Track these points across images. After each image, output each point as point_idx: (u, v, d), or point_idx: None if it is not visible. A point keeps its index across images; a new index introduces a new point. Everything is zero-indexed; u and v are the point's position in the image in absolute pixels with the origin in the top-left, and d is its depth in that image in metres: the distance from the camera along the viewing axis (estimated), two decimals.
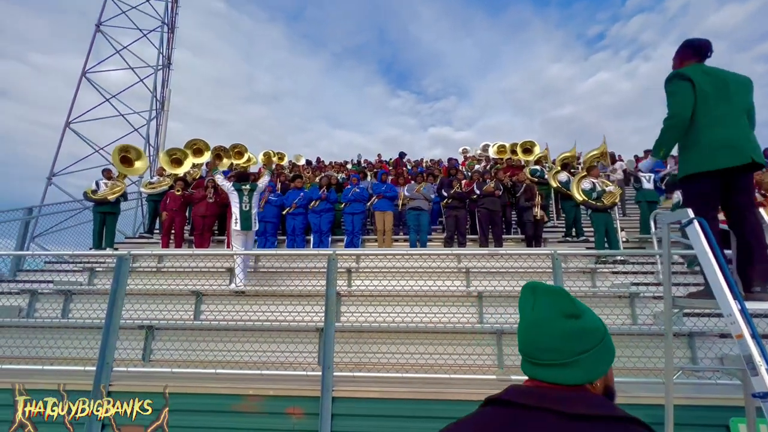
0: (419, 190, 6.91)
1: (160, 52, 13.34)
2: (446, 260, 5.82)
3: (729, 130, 2.18)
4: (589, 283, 5.08)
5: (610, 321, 3.57)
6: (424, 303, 4.26)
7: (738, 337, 1.87)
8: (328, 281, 2.90)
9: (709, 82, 2.25)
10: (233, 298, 4.37)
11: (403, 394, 2.80)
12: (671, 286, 2.51)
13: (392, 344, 3.55)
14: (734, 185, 2.22)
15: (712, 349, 3.30)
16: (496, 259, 5.53)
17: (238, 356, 3.27)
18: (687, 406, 2.64)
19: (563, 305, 0.78)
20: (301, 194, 7.01)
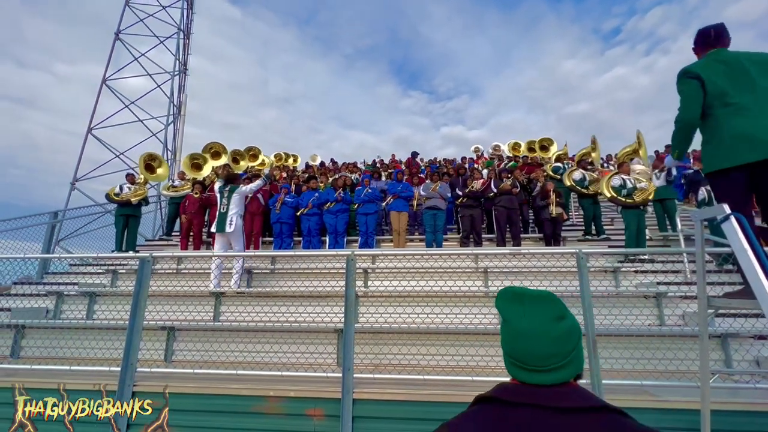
0: (435, 189, 6.85)
1: (177, 59, 13.61)
2: (463, 260, 5.75)
3: (750, 121, 2.04)
4: (613, 282, 4.94)
5: (639, 322, 3.45)
6: (444, 304, 4.21)
7: None
8: (347, 282, 2.87)
9: (723, 72, 2.13)
10: (252, 299, 4.40)
11: (424, 396, 2.75)
12: (706, 286, 2.40)
13: (412, 345, 3.51)
14: (763, 181, 2.09)
15: (750, 352, 3.15)
16: (517, 259, 5.44)
17: (258, 357, 3.28)
18: (723, 411, 2.52)
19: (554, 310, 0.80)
20: (316, 195, 7.03)
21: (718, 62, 2.21)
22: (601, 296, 4.14)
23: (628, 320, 3.41)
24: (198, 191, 7.33)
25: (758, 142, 2.04)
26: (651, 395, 2.69)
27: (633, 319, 3.45)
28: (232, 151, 10.14)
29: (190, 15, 14.83)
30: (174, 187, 8.55)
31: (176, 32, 13.88)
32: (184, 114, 14.42)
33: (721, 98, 2.14)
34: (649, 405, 2.60)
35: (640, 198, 5.84)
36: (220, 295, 4.45)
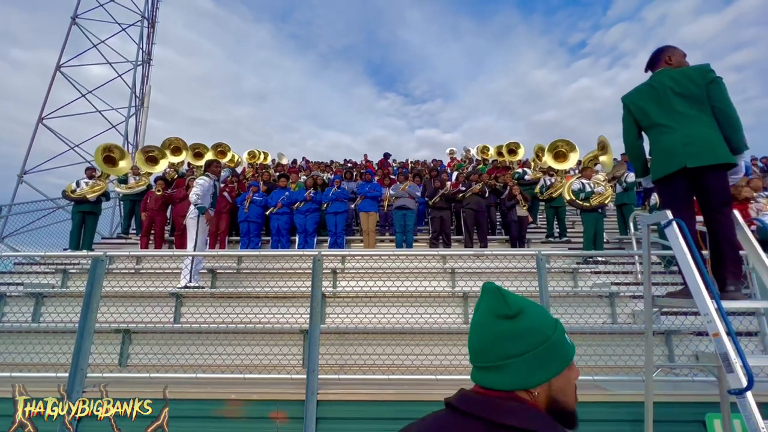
0: (404, 188, 6.92)
1: (140, 48, 12.97)
2: (432, 261, 5.84)
3: (666, 137, 2.28)
4: (571, 283, 5.18)
5: (591, 320, 3.64)
6: (410, 304, 4.25)
7: (714, 336, 1.92)
8: (314, 283, 2.85)
9: (649, 95, 2.38)
10: (215, 300, 4.27)
11: (389, 396, 2.77)
12: (651, 286, 2.57)
13: (378, 346, 3.52)
14: (703, 187, 2.27)
15: (689, 347, 3.41)
16: (481, 260, 5.59)
17: (220, 360, 3.18)
18: (665, 403, 2.70)
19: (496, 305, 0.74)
20: (286, 194, 6.91)
21: (646, 86, 2.45)
22: (559, 296, 4.34)
23: (582, 318, 3.59)
24: (161, 188, 7.02)
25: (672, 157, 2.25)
26: (602, 389, 2.85)
27: (587, 317, 3.63)
28: (192, 145, 9.74)
29: (156, 3, 14.16)
30: (125, 183, 8.04)
31: (140, 20, 13.22)
32: (148, 106, 13.75)
33: (647, 120, 2.40)
34: (601, 399, 2.75)
35: (595, 202, 6.16)
36: (181, 296, 4.29)
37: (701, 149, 2.19)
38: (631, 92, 2.53)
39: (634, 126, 2.48)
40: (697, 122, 2.23)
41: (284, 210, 6.77)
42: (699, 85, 2.24)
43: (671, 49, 2.53)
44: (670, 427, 2.64)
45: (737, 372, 1.78)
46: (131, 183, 8.12)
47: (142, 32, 13.13)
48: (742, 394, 1.73)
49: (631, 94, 2.52)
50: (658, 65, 2.52)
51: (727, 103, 2.23)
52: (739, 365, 1.78)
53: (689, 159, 2.20)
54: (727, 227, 2.26)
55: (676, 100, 2.29)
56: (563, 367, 0.72)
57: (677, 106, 2.28)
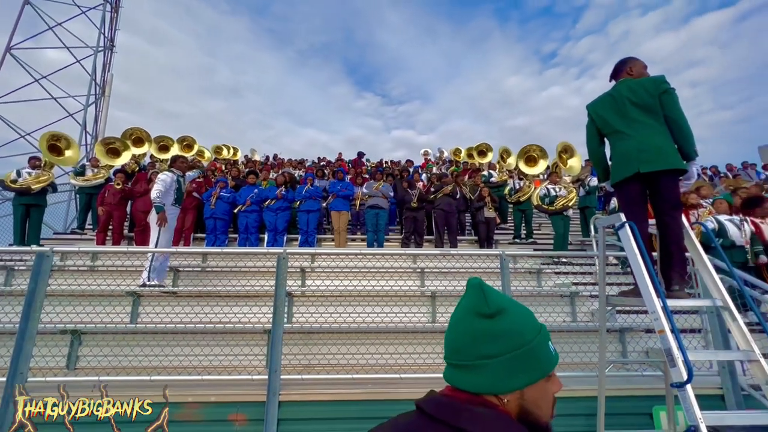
0: (378, 188, 6.91)
1: (101, 33, 12.28)
2: (402, 260, 5.87)
3: (624, 143, 2.41)
4: (534, 282, 5.34)
5: (552, 319, 3.76)
6: (378, 303, 4.25)
7: (660, 333, 2.03)
8: (278, 281, 2.79)
9: (609, 104, 2.50)
10: (177, 299, 4.09)
11: (352, 395, 2.76)
12: (605, 286, 2.69)
13: (344, 345, 3.49)
14: (656, 191, 2.41)
15: (639, 344, 3.60)
16: (448, 260, 5.67)
17: (177, 361, 3.05)
18: (616, 397, 2.83)
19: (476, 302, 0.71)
20: (255, 191, 6.74)
21: (608, 95, 2.57)
22: (523, 295, 4.47)
23: (543, 317, 3.70)
24: (120, 181, 6.66)
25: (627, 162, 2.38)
26: None
27: (546, 315, 3.76)
28: (156, 138, 9.32)
29: None
30: (82, 175, 7.59)
31: (102, 3, 12.51)
32: (109, 95, 13.04)
33: (608, 127, 2.52)
34: (557, 394, 2.85)
35: (559, 205, 6.42)
36: (139, 295, 4.08)
37: (654, 155, 2.31)
38: (595, 101, 2.64)
39: (596, 133, 2.60)
40: (651, 130, 2.35)
41: (253, 207, 6.59)
42: (653, 95, 2.36)
43: (633, 61, 2.66)
44: (620, 419, 2.77)
45: (679, 366, 1.88)
46: (88, 175, 7.66)
47: (104, 16, 12.43)
48: (682, 387, 1.83)
49: (595, 102, 2.63)
50: (620, 75, 2.64)
51: (679, 113, 2.36)
52: (680, 360, 1.89)
53: (642, 164, 2.32)
54: (676, 230, 2.39)
55: (632, 108, 2.41)
56: (540, 377, 0.67)
57: (633, 114, 2.40)
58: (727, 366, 2.85)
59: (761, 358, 1.95)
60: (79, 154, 7.37)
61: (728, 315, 2.11)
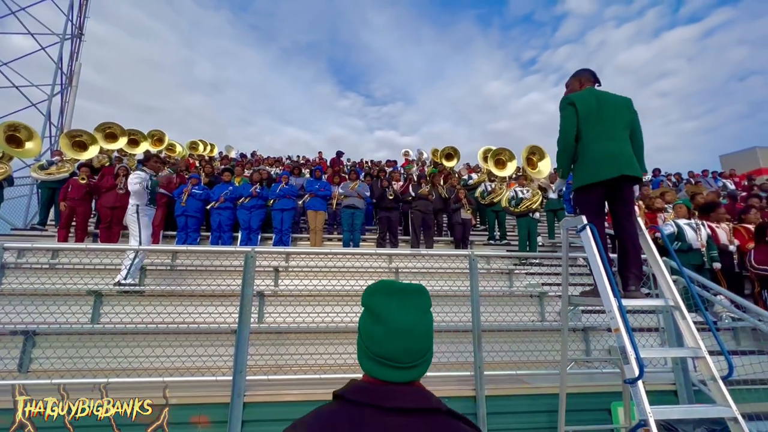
0: (354, 187, 6.89)
1: (69, 19, 11.72)
2: (377, 260, 5.87)
3: (606, 145, 2.45)
4: (507, 283, 5.45)
5: (517, 318, 3.85)
6: (352, 303, 4.24)
7: (616, 331, 2.11)
8: (245, 281, 2.73)
9: (593, 104, 2.52)
10: (143, 299, 3.96)
11: (320, 395, 2.73)
12: (568, 286, 2.77)
13: (317, 345, 3.46)
14: (615, 196, 2.51)
15: (600, 342, 3.73)
16: (421, 260, 5.73)
17: (137, 363, 2.94)
18: (577, 394, 2.92)
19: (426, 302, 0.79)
20: (230, 188, 6.59)
21: (591, 96, 2.59)
22: (496, 295, 4.55)
23: (510, 316, 3.79)
24: (85, 176, 6.38)
25: (612, 163, 2.43)
26: (525, 383, 3.03)
27: (513, 315, 3.84)
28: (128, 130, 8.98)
29: None
30: (44, 168, 7.22)
31: None
32: (77, 85, 12.47)
33: (588, 124, 2.52)
34: (523, 392, 2.92)
35: (524, 207, 6.59)
36: (101, 294, 3.92)
37: (630, 162, 2.45)
38: (580, 96, 2.58)
39: (575, 126, 2.53)
40: (624, 139, 2.51)
41: (227, 205, 6.45)
42: (630, 111, 2.55)
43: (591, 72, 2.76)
44: (580, 415, 2.86)
45: (631, 363, 1.96)
46: (51, 169, 7.29)
47: (72, 2, 11.87)
48: (634, 383, 1.91)
49: (581, 98, 2.56)
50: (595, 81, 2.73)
51: (641, 132, 2.62)
52: (633, 357, 1.97)
53: (626, 168, 2.41)
54: (633, 233, 2.51)
55: (614, 116, 2.50)
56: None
57: (615, 123, 2.49)
58: (680, 363, 2.99)
59: (707, 355, 2.06)
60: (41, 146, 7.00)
61: (678, 314, 2.22)
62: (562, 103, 2.62)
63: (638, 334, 3.60)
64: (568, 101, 2.57)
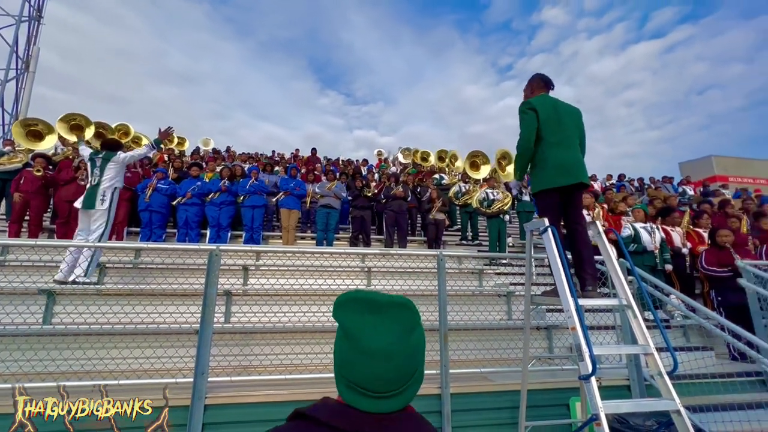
0: (330, 188, 6.84)
1: (27, 1, 11.01)
2: (350, 259, 5.86)
3: (565, 153, 2.56)
4: (476, 282, 5.57)
5: (482, 317, 3.95)
6: (323, 302, 4.20)
7: (572, 329, 2.19)
8: (208, 279, 2.66)
9: (550, 111, 2.62)
10: (100, 298, 3.77)
11: (285, 396, 2.70)
12: (531, 285, 2.86)
13: (286, 345, 3.41)
14: (568, 201, 2.64)
15: (561, 340, 3.88)
16: (397, 260, 5.76)
17: (89, 365, 2.80)
18: (538, 390, 3.03)
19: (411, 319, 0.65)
20: (198, 183, 6.38)
21: (549, 103, 2.70)
22: (462, 294, 4.64)
23: (482, 315, 3.88)
24: (41, 167, 6.01)
25: (571, 171, 2.55)
26: (489, 380, 3.10)
27: (479, 314, 3.93)
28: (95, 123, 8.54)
29: None
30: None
31: None
32: (34, 71, 11.74)
33: (547, 130, 2.60)
34: (485, 389, 2.99)
35: (495, 208, 6.76)
36: (54, 293, 3.71)
37: (584, 170, 2.60)
38: (538, 99, 2.66)
39: (536, 131, 2.59)
40: (578, 149, 2.66)
41: (194, 200, 6.24)
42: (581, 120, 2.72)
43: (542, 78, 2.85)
44: (541, 411, 2.96)
45: (585, 360, 2.05)
46: (2, 159, 6.82)
47: None
48: (587, 379, 2.00)
49: (541, 103, 2.63)
50: (551, 88, 2.82)
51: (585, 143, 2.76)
52: (587, 355, 2.05)
53: (582, 176, 2.54)
54: (586, 235, 2.65)
55: (570, 124, 2.62)
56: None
57: (571, 130, 2.62)
58: (633, 359, 3.15)
59: (655, 352, 2.17)
60: None
61: (630, 313, 2.33)
62: (522, 107, 2.69)
63: (597, 332, 3.76)
64: (529, 106, 2.64)
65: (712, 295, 4.23)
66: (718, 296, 4.12)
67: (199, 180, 6.54)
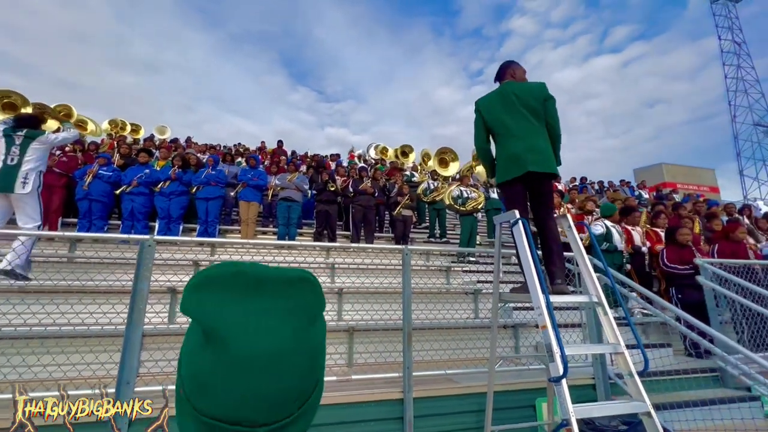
0: (292, 179, 6.48)
1: None
2: (313, 255, 5.56)
3: (514, 143, 2.45)
4: (444, 280, 5.44)
5: (449, 315, 3.79)
6: None
7: (542, 328, 2.04)
8: (138, 274, 2.29)
9: (499, 102, 2.52)
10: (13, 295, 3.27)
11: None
12: (499, 282, 2.71)
13: None
14: (533, 192, 2.51)
15: (528, 339, 3.80)
16: (363, 256, 5.53)
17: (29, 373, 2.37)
18: (505, 391, 2.89)
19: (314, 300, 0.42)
20: (146, 171, 5.83)
21: (497, 94, 2.60)
22: (431, 293, 4.48)
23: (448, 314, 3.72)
24: None
25: (518, 162, 2.42)
26: (454, 382, 2.93)
27: (446, 312, 3.78)
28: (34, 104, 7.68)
29: None
30: None
31: None
32: None
33: (498, 125, 2.52)
34: (452, 392, 2.81)
35: (470, 206, 6.69)
36: None
37: (541, 158, 2.41)
38: (484, 98, 2.63)
39: (484, 130, 2.60)
40: (537, 133, 2.46)
41: (141, 189, 5.69)
42: (538, 100, 2.48)
43: (516, 65, 2.75)
44: (507, 413, 2.83)
45: (556, 362, 1.90)
46: None
47: None
48: (558, 382, 1.85)
49: (484, 100, 2.62)
50: (504, 77, 2.70)
51: (557, 120, 2.53)
52: (558, 356, 1.91)
53: (531, 165, 2.38)
54: (555, 229, 2.52)
55: (521, 110, 2.46)
56: None
57: (521, 116, 2.46)
58: (599, 357, 3.09)
59: (626, 351, 2.07)
60: None
61: (601, 310, 2.23)
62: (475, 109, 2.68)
63: (562, 330, 3.70)
64: (475, 108, 2.65)
65: (672, 293, 4.31)
66: (678, 293, 4.20)
67: (148, 167, 5.97)
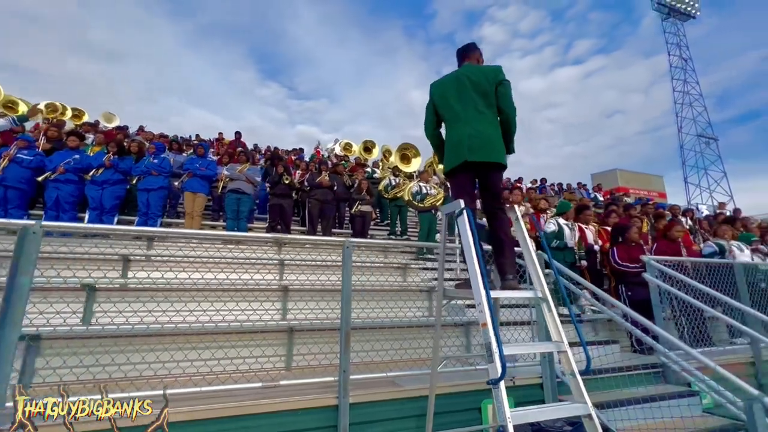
0: (242, 170, 6.09)
1: None
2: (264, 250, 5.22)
3: (459, 129, 2.30)
4: (400, 278, 5.27)
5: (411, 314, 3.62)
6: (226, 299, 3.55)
7: (483, 326, 1.89)
8: (18, 267, 1.92)
9: (451, 86, 2.37)
10: None
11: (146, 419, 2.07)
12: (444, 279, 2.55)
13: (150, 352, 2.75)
14: (485, 184, 2.36)
15: (479, 337, 3.68)
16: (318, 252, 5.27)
17: None
18: (451, 394, 2.74)
19: None
20: (76, 156, 5.25)
21: (452, 77, 2.42)
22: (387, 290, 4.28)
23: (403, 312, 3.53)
24: None
25: (457, 150, 2.26)
26: (396, 386, 2.74)
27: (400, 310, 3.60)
28: None
29: None
30: None
31: None
32: None
33: (446, 110, 2.37)
34: (393, 396, 2.62)
35: (428, 203, 6.58)
36: None
37: (484, 145, 2.24)
38: (438, 81, 2.47)
39: (434, 115, 2.44)
40: (485, 119, 2.28)
41: (69, 177, 5.11)
42: (490, 83, 2.30)
43: (476, 48, 2.59)
44: (451, 416, 2.67)
45: (495, 362, 1.75)
46: None
47: None
48: (496, 384, 1.69)
49: (438, 83, 2.46)
50: (464, 60, 2.54)
51: (511, 105, 2.34)
52: (497, 356, 1.76)
53: (471, 153, 2.22)
54: (505, 221, 2.37)
55: (471, 93, 2.30)
56: None
57: (471, 99, 2.29)
58: (547, 356, 3.01)
59: (569, 350, 1.96)
60: None
61: (545, 306, 2.11)
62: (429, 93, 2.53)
63: (513, 329, 3.62)
64: (430, 91, 2.50)
65: (621, 290, 4.36)
66: (627, 291, 4.25)
67: (79, 153, 5.39)
